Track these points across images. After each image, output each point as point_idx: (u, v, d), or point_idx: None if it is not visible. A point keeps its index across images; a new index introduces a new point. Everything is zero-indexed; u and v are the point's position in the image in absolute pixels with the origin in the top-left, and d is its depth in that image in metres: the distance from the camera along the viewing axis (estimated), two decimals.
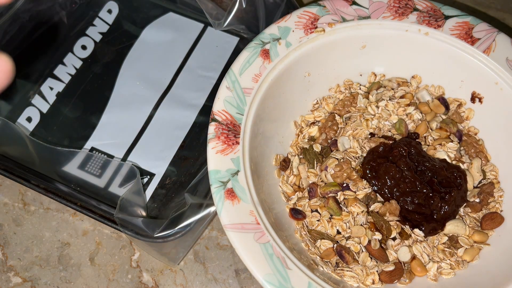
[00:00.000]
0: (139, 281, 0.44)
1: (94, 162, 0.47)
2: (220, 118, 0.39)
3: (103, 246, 0.46)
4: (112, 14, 0.57)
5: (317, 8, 0.44)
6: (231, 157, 0.38)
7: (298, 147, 0.44)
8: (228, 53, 0.54)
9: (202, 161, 0.47)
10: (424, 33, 0.44)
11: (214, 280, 0.44)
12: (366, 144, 0.43)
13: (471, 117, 0.46)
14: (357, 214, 0.40)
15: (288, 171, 0.43)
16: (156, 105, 0.51)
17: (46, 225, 0.46)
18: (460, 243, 0.40)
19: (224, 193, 0.36)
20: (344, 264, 0.39)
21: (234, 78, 0.41)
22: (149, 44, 0.55)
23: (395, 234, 0.39)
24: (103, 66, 0.53)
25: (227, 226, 0.35)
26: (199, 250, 0.46)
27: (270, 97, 0.42)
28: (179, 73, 0.53)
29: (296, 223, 0.41)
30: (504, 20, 0.59)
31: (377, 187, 0.40)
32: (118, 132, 0.49)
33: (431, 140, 0.44)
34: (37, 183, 0.44)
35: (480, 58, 0.43)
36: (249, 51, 0.42)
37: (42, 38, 0.54)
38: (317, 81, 0.46)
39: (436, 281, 0.39)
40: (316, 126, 0.45)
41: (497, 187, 0.43)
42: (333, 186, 0.40)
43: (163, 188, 0.46)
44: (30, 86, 0.51)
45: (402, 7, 0.45)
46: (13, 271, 0.44)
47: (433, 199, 0.39)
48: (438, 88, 0.46)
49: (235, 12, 0.51)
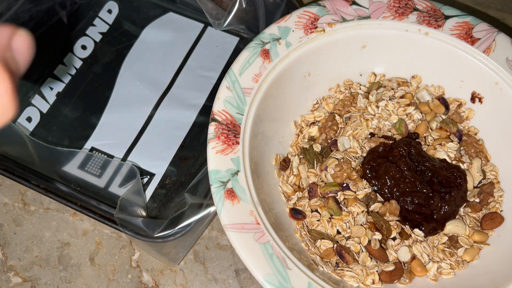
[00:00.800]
0: (139, 281, 0.44)
1: (94, 162, 0.47)
2: (220, 118, 0.39)
3: (103, 246, 0.46)
4: (112, 14, 0.57)
5: (317, 8, 0.44)
6: (231, 157, 0.38)
7: (298, 147, 0.44)
8: (228, 53, 0.54)
9: (202, 161, 0.47)
10: (424, 33, 0.44)
11: (214, 280, 0.44)
12: (366, 144, 0.43)
13: (471, 117, 0.46)
14: (357, 214, 0.40)
15: (288, 171, 0.43)
16: (156, 105, 0.51)
17: (46, 225, 0.46)
18: (460, 243, 0.40)
19: (224, 193, 0.36)
20: (344, 264, 0.39)
21: (234, 78, 0.40)
22: (149, 44, 0.55)
23: (395, 234, 0.39)
24: (103, 66, 0.53)
25: (227, 226, 0.35)
26: (199, 250, 0.46)
27: (270, 97, 0.42)
28: (179, 73, 0.53)
29: (296, 223, 0.41)
30: (504, 20, 0.59)
31: (377, 187, 0.40)
32: (118, 132, 0.49)
33: (431, 140, 0.44)
34: (37, 183, 0.44)
35: (480, 58, 0.43)
36: (249, 51, 0.42)
37: (42, 38, 0.54)
38: (317, 81, 0.46)
39: (436, 281, 0.39)
40: (316, 126, 0.45)
41: (497, 187, 0.43)
42: (333, 186, 0.40)
43: (163, 188, 0.46)
44: (30, 86, 0.51)
45: (402, 7, 0.45)
46: (13, 271, 0.44)
47: (433, 199, 0.39)
48: (438, 88, 0.46)
49: (235, 12, 0.51)
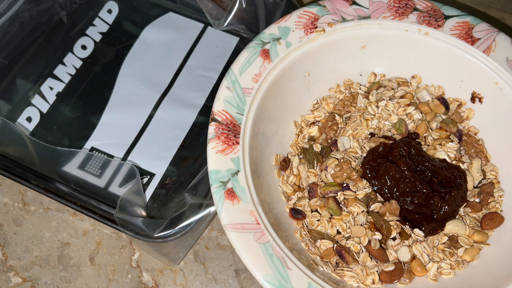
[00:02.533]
0: (139, 281, 0.44)
1: (94, 162, 0.47)
2: (220, 118, 0.39)
3: (103, 246, 0.46)
4: (112, 14, 0.57)
5: (317, 8, 0.44)
6: (231, 157, 0.38)
7: (298, 147, 0.44)
8: (228, 53, 0.54)
9: (202, 161, 0.47)
10: (424, 33, 0.44)
11: (214, 280, 0.44)
12: (366, 144, 0.43)
13: (471, 117, 0.46)
14: (357, 214, 0.40)
15: (288, 171, 0.43)
16: (156, 105, 0.51)
17: (46, 225, 0.46)
18: (460, 243, 0.40)
19: (224, 193, 0.36)
20: (344, 264, 0.39)
21: (234, 78, 0.40)
22: (149, 44, 0.55)
23: (395, 234, 0.39)
24: (103, 66, 0.53)
25: (227, 226, 0.35)
26: (199, 250, 0.46)
27: (270, 97, 0.42)
28: (179, 73, 0.53)
29: (296, 223, 0.41)
30: (504, 20, 0.59)
31: (377, 187, 0.40)
32: (118, 132, 0.49)
33: (431, 140, 0.44)
34: (37, 183, 0.44)
35: (480, 58, 0.43)
36: (249, 51, 0.42)
37: (42, 38, 0.54)
38: (317, 81, 0.46)
39: (436, 281, 0.39)
40: (316, 126, 0.45)
41: (497, 187, 0.43)
42: (333, 186, 0.40)
43: (163, 188, 0.46)
44: (30, 86, 0.51)
45: (402, 7, 0.45)
46: (13, 271, 0.44)
47: (433, 199, 0.39)
48: (438, 88, 0.46)
49: (235, 12, 0.51)
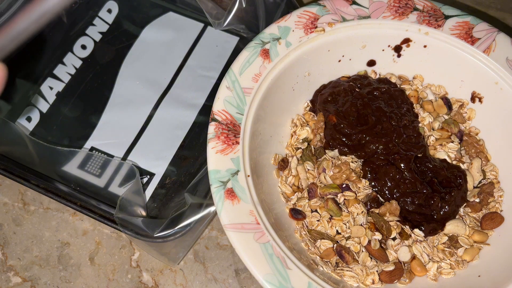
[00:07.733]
0: (139, 281, 0.44)
1: (94, 162, 0.47)
2: (220, 118, 0.39)
3: (103, 246, 0.46)
4: (112, 13, 0.57)
5: (317, 8, 0.44)
6: (231, 157, 0.37)
7: (293, 148, 0.44)
8: (228, 53, 0.54)
9: (202, 161, 0.47)
10: (424, 32, 0.44)
11: (214, 280, 0.44)
12: None
13: (473, 117, 0.45)
14: (357, 214, 0.40)
15: (286, 171, 0.43)
16: (156, 104, 0.51)
17: (46, 225, 0.46)
18: (460, 243, 0.40)
19: (224, 193, 0.36)
20: (344, 264, 0.39)
21: (234, 78, 0.40)
22: (149, 43, 0.54)
23: (395, 234, 0.39)
24: (103, 66, 0.53)
25: (227, 226, 0.35)
26: (199, 250, 0.46)
27: (270, 97, 0.42)
28: (179, 72, 0.53)
29: (296, 223, 0.41)
30: (504, 20, 0.59)
31: (377, 188, 0.40)
32: (118, 132, 0.49)
33: (432, 140, 0.44)
34: (37, 183, 0.44)
35: (480, 58, 0.43)
36: (249, 50, 0.42)
37: (42, 38, 0.54)
38: (317, 81, 0.46)
39: (436, 281, 0.39)
40: (307, 127, 0.45)
41: (497, 187, 0.43)
42: (333, 188, 0.40)
43: (163, 188, 0.46)
44: (30, 86, 0.51)
45: (402, 6, 0.45)
46: (13, 271, 0.44)
47: (433, 199, 0.39)
48: (439, 88, 0.46)
49: (235, 12, 0.51)
